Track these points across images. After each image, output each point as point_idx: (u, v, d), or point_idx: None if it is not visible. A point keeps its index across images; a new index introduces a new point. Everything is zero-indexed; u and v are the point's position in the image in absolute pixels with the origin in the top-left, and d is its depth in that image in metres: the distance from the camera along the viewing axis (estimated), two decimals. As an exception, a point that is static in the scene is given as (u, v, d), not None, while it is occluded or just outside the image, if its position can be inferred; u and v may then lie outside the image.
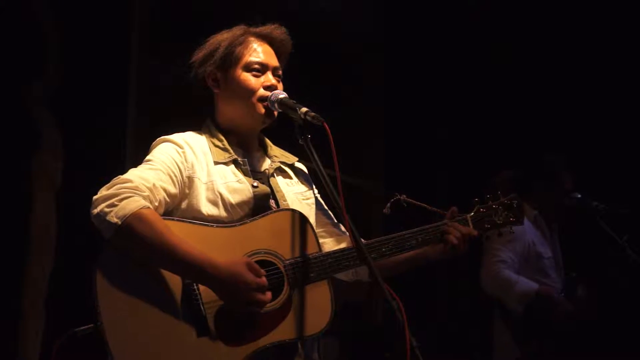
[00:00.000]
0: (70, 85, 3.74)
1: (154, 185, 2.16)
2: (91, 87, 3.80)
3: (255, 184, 2.32)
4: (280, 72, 2.42)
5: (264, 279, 2.10)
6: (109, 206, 2.06)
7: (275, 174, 2.41)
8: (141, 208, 2.07)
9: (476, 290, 4.30)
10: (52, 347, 2.25)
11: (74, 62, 3.77)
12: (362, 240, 2.36)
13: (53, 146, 3.75)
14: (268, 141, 2.51)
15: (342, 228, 2.52)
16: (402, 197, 2.63)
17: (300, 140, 2.15)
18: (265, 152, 2.48)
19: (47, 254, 3.70)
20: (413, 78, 5.17)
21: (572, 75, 4.82)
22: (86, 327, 2.17)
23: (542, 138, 4.76)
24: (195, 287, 2.13)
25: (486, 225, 2.54)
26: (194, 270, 2.08)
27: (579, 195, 3.99)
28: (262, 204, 2.29)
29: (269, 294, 2.10)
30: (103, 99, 3.85)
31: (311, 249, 2.26)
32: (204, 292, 2.12)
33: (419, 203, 2.61)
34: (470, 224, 2.49)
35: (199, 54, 2.42)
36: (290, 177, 2.47)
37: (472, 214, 2.52)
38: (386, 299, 1.96)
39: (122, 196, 2.08)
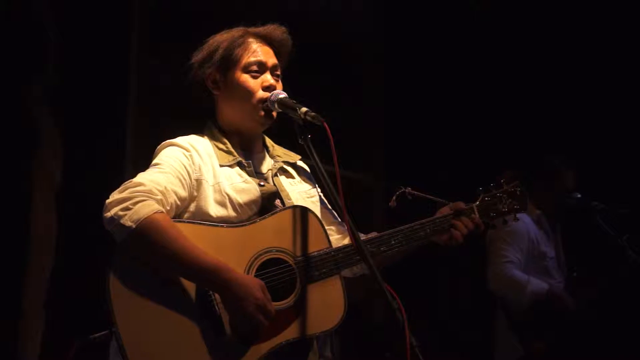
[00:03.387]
0: (70, 85, 3.74)
1: (165, 188, 2.16)
2: (91, 87, 3.80)
3: (262, 183, 2.33)
4: (278, 71, 2.42)
5: (273, 306, 2.10)
6: (123, 210, 2.06)
7: (278, 174, 2.42)
8: (155, 212, 2.08)
9: (477, 289, 4.30)
10: (67, 352, 2.25)
11: (74, 62, 3.76)
12: (374, 233, 2.37)
13: (53, 146, 3.74)
14: (270, 141, 2.52)
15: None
16: (407, 190, 2.65)
17: (300, 140, 2.15)
18: (268, 153, 2.48)
19: (47, 254, 3.69)
20: (413, 78, 5.16)
21: (572, 75, 4.81)
22: (101, 333, 2.17)
23: (542, 138, 4.75)
24: None
25: (492, 214, 2.57)
26: (207, 275, 2.08)
27: (579, 195, 3.99)
28: (270, 202, 2.31)
29: (268, 322, 2.10)
30: (103, 99, 3.85)
31: (321, 245, 2.27)
32: None
33: (424, 195, 2.63)
34: (477, 213, 2.50)
35: (198, 55, 2.42)
36: (292, 177, 2.48)
37: (478, 203, 2.54)
38: (386, 298, 1.96)
39: (136, 200, 2.08)
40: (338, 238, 2.49)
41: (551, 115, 4.88)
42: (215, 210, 2.23)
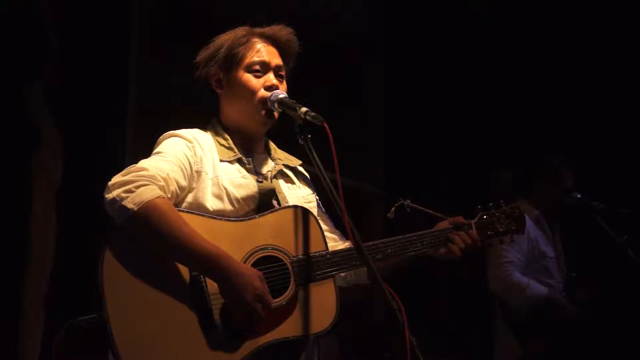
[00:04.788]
0: (70, 85, 3.74)
1: (168, 175, 2.18)
2: (91, 87, 3.80)
3: (259, 179, 2.33)
4: (283, 72, 2.42)
5: (271, 297, 2.11)
6: (125, 192, 2.07)
7: (277, 177, 2.42)
8: (157, 197, 2.08)
9: (476, 289, 4.30)
10: (53, 340, 2.24)
11: (74, 62, 3.76)
12: (369, 242, 2.37)
13: (53, 146, 3.74)
14: (272, 144, 2.53)
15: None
16: (406, 202, 2.65)
17: (300, 140, 2.15)
18: (269, 155, 2.48)
19: (47, 254, 3.69)
20: (413, 78, 5.16)
21: (572, 75, 4.82)
22: (89, 317, 2.16)
23: (542, 138, 4.75)
24: (202, 279, 2.12)
25: (489, 233, 2.56)
26: (207, 261, 2.08)
27: (579, 195, 4.00)
28: (267, 199, 2.31)
29: (264, 313, 2.10)
30: (103, 99, 3.85)
31: (318, 247, 2.27)
32: (211, 285, 2.12)
33: (422, 208, 2.63)
34: (474, 230, 2.50)
35: (202, 55, 2.42)
36: (292, 182, 2.48)
37: (476, 220, 2.54)
38: (386, 299, 1.96)
39: (139, 183, 2.09)
40: (334, 245, 2.47)
41: (551, 115, 4.88)
42: (211, 203, 2.23)
